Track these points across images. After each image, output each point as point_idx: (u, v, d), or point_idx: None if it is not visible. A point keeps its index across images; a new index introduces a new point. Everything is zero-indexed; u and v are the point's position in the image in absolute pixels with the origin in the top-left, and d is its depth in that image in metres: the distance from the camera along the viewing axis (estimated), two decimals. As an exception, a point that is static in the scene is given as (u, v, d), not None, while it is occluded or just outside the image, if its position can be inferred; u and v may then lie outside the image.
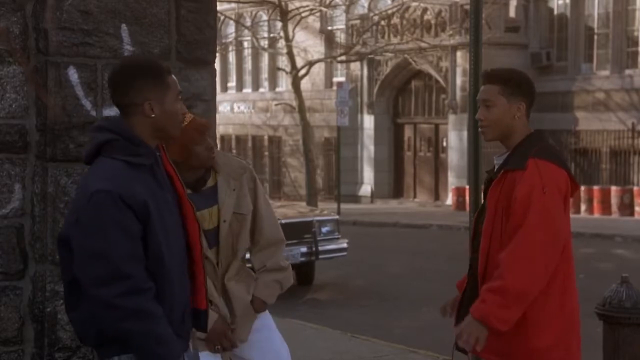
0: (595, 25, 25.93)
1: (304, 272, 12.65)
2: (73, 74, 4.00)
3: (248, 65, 35.29)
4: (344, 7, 30.15)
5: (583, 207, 23.38)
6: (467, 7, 19.90)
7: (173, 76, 3.17)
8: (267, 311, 4.22)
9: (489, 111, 3.85)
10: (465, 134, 23.72)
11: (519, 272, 3.65)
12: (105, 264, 2.89)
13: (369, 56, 28.20)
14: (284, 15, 26.08)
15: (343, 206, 24.45)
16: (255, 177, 4.16)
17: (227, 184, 3.99)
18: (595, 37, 25.88)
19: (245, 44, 34.45)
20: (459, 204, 24.86)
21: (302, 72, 26.42)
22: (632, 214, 22.72)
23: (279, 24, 27.42)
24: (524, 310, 3.70)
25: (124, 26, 4.15)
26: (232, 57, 35.29)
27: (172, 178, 3.20)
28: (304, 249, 12.14)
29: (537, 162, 3.71)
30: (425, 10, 27.37)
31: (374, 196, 29.42)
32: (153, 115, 3.06)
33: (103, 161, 3.03)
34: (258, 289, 4.11)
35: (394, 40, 27.85)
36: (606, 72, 25.40)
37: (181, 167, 3.85)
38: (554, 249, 3.70)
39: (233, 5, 30.46)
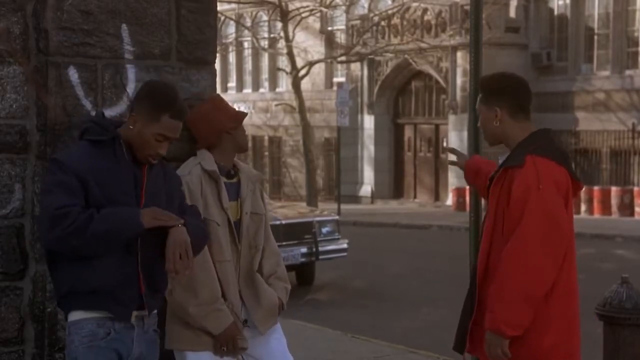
0: (596, 26, 25.93)
1: (305, 272, 12.65)
2: (73, 74, 4.00)
3: (248, 65, 35.29)
4: (344, 8, 30.15)
5: (583, 207, 23.38)
6: (467, 7, 19.89)
7: (173, 121, 3.48)
8: None
9: (479, 119, 3.94)
10: (465, 134, 23.73)
11: (520, 274, 3.62)
12: (48, 212, 3.35)
13: (369, 56, 28.20)
14: (284, 15, 26.08)
15: (343, 206, 24.45)
16: (262, 189, 4.38)
17: (246, 184, 4.17)
18: (596, 37, 25.88)
19: (246, 44, 34.45)
20: (459, 205, 24.87)
21: (303, 72, 26.42)
22: (632, 214, 22.72)
23: (279, 25, 27.43)
24: (535, 308, 3.66)
25: (124, 26, 4.15)
26: (232, 57, 35.29)
27: (142, 175, 3.53)
28: (304, 250, 12.14)
29: (534, 158, 3.69)
30: (425, 10, 27.37)
31: (374, 196, 29.42)
32: (131, 127, 3.50)
33: (77, 143, 3.59)
34: (277, 292, 4.21)
35: (394, 40, 27.85)
36: (606, 73, 25.40)
37: (216, 154, 4.10)
38: (558, 241, 3.65)
39: (233, 5, 30.46)
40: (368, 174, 29.78)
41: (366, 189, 29.82)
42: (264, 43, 31.82)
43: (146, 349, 3.59)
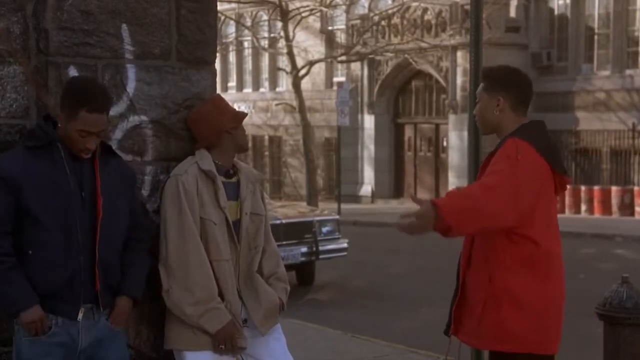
0: (596, 26, 25.94)
1: (305, 272, 12.66)
2: (74, 74, 4.00)
3: (248, 65, 35.29)
4: (344, 7, 30.15)
5: (583, 207, 23.39)
6: (468, 7, 19.92)
7: (91, 116, 3.56)
8: None
9: (477, 106, 3.98)
10: (465, 134, 23.71)
11: (479, 193, 3.65)
12: None
13: (370, 56, 28.20)
14: (285, 15, 26.08)
15: (343, 206, 24.45)
16: (263, 190, 4.38)
17: (246, 184, 4.17)
18: (596, 37, 25.88)
19: (246, 44, 34.46)
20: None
21: (303, 72, 26.42)
22: (632, 214, 22.72)
23: (279, 24, 27.43)
24: (476, 228, 3.66)
25: (124, 26, 4.15)
26: (232, 57, 35.30)
27: (94, 175, 3.65)
28: (304, 249, 12.14)
29: (515, 140, 3.75)
30: (425, 10, 27.38)
31: (374, 196, 29.43)
32: (60, 126, 3.63)
33: (13, 148, 3.73)
34: (277, 292, 4.22)
35: (395, 40, 27.85)
36: (607, 72, 25.41)
37: (216, 154, 4.10)
38: (513, 209, 3.63)
39: (233, 5, 30.46)
40: (368, 173, 29.78)
41: (366, 189, 29.82)
42: (264, 43, 31.82)
43: (99, 336, 3.70)
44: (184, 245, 3.94)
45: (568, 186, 4.03)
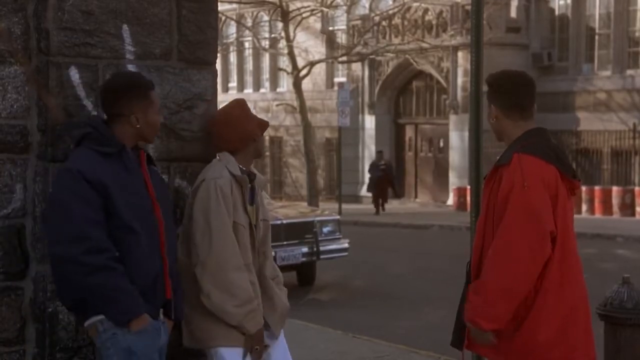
0: (597, 26, 25.94)
1: (305, 272, 12.66)
2: (74, 74, 4.00)
3: (249, 65, 35.30)
4: (345, 8, 30.15)
5: (584, 207, 23.38)
6: (468, 7, 19.94)
7: (154, 91, 3.72)
8: None
9: None
10: (466, 134, 23.73)
11: (499, 269, 3.65)
12: (70, 226, 3.43)
13: (370, 56, 28.21)
14: (285, 15, 26.09)
15: (344, 206, 24.46)
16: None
17: (259, 190, 4.23)
18: (597, 37, 25.88)
19: (247, 45, 34.47)
20: (460, 204, 24.87)
21: (303, 72, 26.43)
22: (633, 214, 22.72)
23: (280, 25, 27.44)
24: (515, 305, 3.69)
25: (125, 26, 4.15)
26: (233, 57, 35.31)
27: (146, 183, 3.67)
28: (305, 249, 12.14)
29: (520, 157, 3.73)
30: (426, 10, 27.38)
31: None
32: (138, 126, 3.67)
33: (78, 149, 3.63)
34: (282, 296, 4.29)
35: (395, 40, 27.86)
36: (607, 73, 25.41)
37: (239, 158, 4.14)
38: (539, 242, 3.66)
39: (234, 5, 30.47)
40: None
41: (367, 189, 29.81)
42: (265, 43, 31.83)
43: (167, 337, 3.79)
44: (223, 249, 3.93)
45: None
